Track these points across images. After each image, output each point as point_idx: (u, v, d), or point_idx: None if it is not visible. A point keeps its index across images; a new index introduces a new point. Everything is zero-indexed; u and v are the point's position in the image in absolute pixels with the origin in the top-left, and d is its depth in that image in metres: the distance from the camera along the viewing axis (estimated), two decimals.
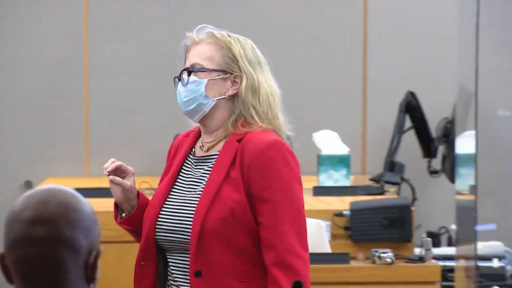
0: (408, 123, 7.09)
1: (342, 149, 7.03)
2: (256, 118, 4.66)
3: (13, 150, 7.82)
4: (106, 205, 3.91)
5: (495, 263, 5.89)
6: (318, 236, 6.18)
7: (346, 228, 6.23)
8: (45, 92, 8.33)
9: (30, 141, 7.77)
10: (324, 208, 6.53)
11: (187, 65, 4.80)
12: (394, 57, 7.83)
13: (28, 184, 7.46)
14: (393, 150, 6.93)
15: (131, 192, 4.88)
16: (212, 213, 4.82)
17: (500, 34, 6.60)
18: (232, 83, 4.67)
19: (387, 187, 6.88)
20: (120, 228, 4.67)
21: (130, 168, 4.90)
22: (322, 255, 5.98)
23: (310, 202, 6.77)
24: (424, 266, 5.99)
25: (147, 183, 7.17)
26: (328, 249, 6.07)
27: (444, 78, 6.82)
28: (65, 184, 3.16)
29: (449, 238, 6.58)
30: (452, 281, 5.93)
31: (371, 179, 7.05)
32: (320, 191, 6.83)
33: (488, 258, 5.88)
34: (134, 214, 4.90)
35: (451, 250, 6.18)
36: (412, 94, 6.94)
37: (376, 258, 5.92)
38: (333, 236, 6.24)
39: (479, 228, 5.58)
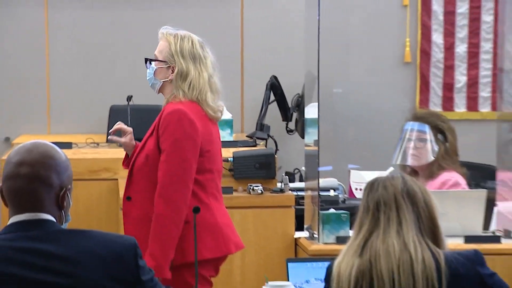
0: (272, 97, 7.24)
1: (227, 115, 7.16)
2: (181, 96, 4.94)
3: None
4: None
5: (332, 193, 6.11)
6: None
7: (230, 170, 6.41)
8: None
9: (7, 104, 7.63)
10: None
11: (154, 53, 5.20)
12: (264, 48, 7.91)
13: (7, 139, 7.40)
14: (262, 116, 7.09)
15: (127, 146, 5.28)
16: (138, 158, 5.15)
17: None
18: (172, 71, 4.93)
19: (258, 141, 6.99)
20: None
21: (129, 129, 5.26)
22: None
23: None
24: (284, 195, 6.19)
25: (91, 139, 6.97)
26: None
27: (297, 65, 6.75)
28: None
29: (301, 176, 6.64)
30: (303, 205, 6.05)
31: (247, 136, 7.16)
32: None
33: (326, 189, 6.09)
34: (129, 158, 5.29)
35: (302, 184, 6.38)
36: (275, 77, 7.05)
37: (251, 190, 6.13)
38: (223, 175, 6.14)
39: (320, 169, 5.79)
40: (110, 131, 5.31)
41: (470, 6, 7.77)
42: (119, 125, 5.28)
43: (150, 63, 5.11)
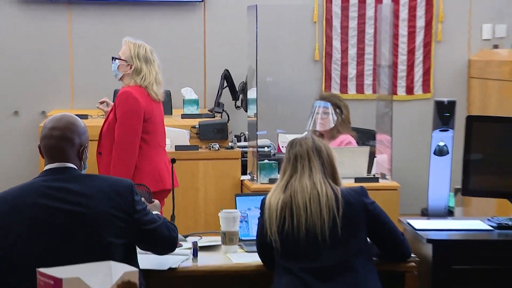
0: (225, 84, 7.17)
1: (194, 96, 7.02)
2: (132, 84, 5.02)
3: (34, 92, 7.49)
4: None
5: (266, 149, 6.08)
6: (182, 138, 6.19)
7: (197, 133, 6.39)
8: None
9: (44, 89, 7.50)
10: (186, 124, 6.56)
11: (119, 53, 5.15)
12: (220, 50, 7.73)
13: (43, 112, 7.31)
14: (218, 97, 7.03)
15: (108, 113, 5.19)
16: (104, 125, 5.12)
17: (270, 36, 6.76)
18: (130, 68, 4.96)
19: (216, 114, 7.00)
20: None
21: (111, 102, 5.25)
22: (185, 146, 6.11)
23: (179, 121, 6.81)
24: (233, 151, 6.13)
25: None
26: (187, 142, 6.20)
27: (242, 62, 6.65)
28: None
29: (245, 138, 6.56)
30: (246, 158, 6.04)
31: (209, 110, 7.17)
32: (185, 116, 6.93)
33: (262, 147, 6.04)
34: None
35: (245, 144, 6.34)
36: (227, 70, 7.03)
37: (211, 147, 6.07)
38: (191, 137, 6.31)
39: (258, 133, 5.81)
40: (98, 101, 5.33)
41: (358, 22, 7.76)
42: (105, 99, 5.32)
43: (115, 60, 5.10)
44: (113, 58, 5.14)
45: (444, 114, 4.35)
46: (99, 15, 7.72)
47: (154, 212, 3.54)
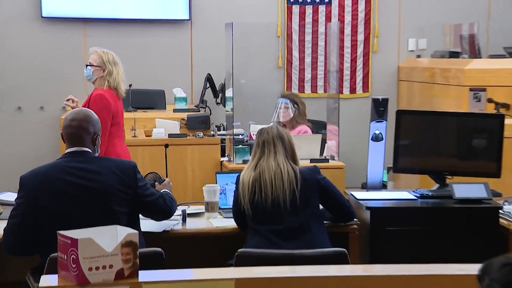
0: (208, 85, 7.01)
1: (183, 94, 6.85)
2: (105, 86, 4.81)
3: (55, 92, 7.20)
4: None
5: (240, 136, 6.05)
6: (174, 128, 6.08)
7: (185, 124, 6.24)
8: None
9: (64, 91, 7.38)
10: (177, 117, 6.41)
11: (89, 61, 4.91)
12: (204, 57, 7.59)
13: (64, 107, 6.96)
14: (202, 95, 6.94)
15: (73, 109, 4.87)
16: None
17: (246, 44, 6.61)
18: (103, 72, 4.77)
19: (200, 109, 6.87)
20: None
21: (76, 99, 5.02)
22: (176, 134, 6.02)
23: (171, 114, 6.65)
24: (214, 138, 6.04)
25: None
26: (178, 131, 6.08)
27: (221, 67, 6.46)
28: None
29: (224, 127, 6.46)
30: (225, 143, 5.97)
31: (195, 106, 7.02)
32: (176, 110, 6.77)
33: (237, 135, 5.99)
34: None
35: (224, 132, 6.25)
36: (209, 74, 6.91)
37: (196, 135, 5.96)
38: (180, 127, 6.16)
39: (234, 124, 5.75)
40: (65, 99, 5.11)
41: (312, 37, 7.75)
42: (71, 96, 5.08)
43: (88, 67, 4.92)
44: (86, 65, 4.95)
45: (379, 108, 4.38)
46: (108, 31, 7.61)
47: (162, 190, 3.62)
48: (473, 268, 1.43)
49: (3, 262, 3.61)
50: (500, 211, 3.76)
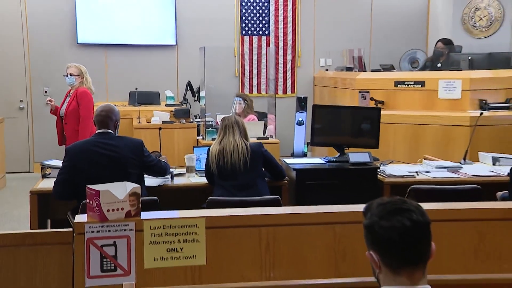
0: (188, 89, 6.87)
1: (171, 94, 6.85)
2: (84, 86, 4.63)
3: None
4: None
5: (210, 123, 5.79)
6: (166, 117, 5.99)
7: (173, 115, 6.05)
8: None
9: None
10: (168, 109, 6.20)
11: (68, 72, 4.72)
12: (186, 70, 7.37)
13: (46, 104, 6.86)
14: (184, 95, 6.79)
15: (53, 107, 4.79)
16: (68, 108, 4.69)
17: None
18: (81, 78, 4.62)
19: (183, 104, 6.72)
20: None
21: (53, 100, 4.83)
22: (167, 121, 5.80)
23: (164, 108, 6.45)
24: (193, 123, 5.93)
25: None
26: (168, 119, 5.88)
27: (197, 75, 6.29)
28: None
29: (199, 117, 6.14)
30: (200, 127, 5.79)
31: (180, 102, 6.87)
32: (167, 105, 6.58)
33: (208, 121, 5.74)
34: (54, 113, 4.80)
35: (199, 120, 5.97)
36: (189, 81, 6.77)
37: (181, 122, 5.89)
38: (170, 116, 6.01)
39: (206, 114, 5.62)
40: (47, 99, 4.89)
41: (257, 56, 7.72)
42: (50, 98, 4.87)
43: (71, 76, 4.72)
44: (70, 74, 4.75)
45: (301, 104, 4.37)
46: (122, 53, 7.45)
47: (162, 159, 3.55)
48: (361, 207, 1.42)
49: (53, 205, 3.56)
50: (378, 170, 3.79)
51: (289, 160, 4.13)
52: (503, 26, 7.00)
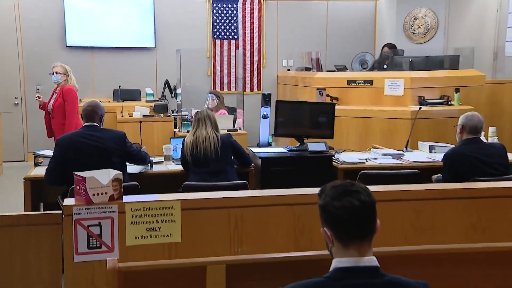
0: (166, 87, 6.77)
1: (151, 91, 6.69)
2: (69, 84, 4.48)
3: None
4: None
5: (185, 116, 5.73)
6: (146, 111, 5.81)
7: (153, 109, 5.91)
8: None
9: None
10: (148, 105, 6.08)
11: (54, 70, 4.53)
12: (164, 70, 7.22)
13: (80, 100, 6.50)
14: (163, 92, 6.66)
15: (41, 103, 4.65)
16: (55, 104, 4.54)
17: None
18: (66, 77, 4.45)
19: (162, 100, 6.56)
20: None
21: (41, 96, 4.70)
22: (147, 115, 5.65)
23: (145, 103, 6.33)
24: (170, 117, 5.80)
25: None
26: (148, 113, 5.75)
27: (174, 75, 6.12)
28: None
29: (176, 111, 6.03)
30: (176, 120, 5.70)
31: (158, 99, 6.75)
32: (148, 101, 6.43)
33: (184, 115, 5.70)
34: (43, 108, 4.64)
35: (176, 114, 5.91)
36: (167, 80, 6.61)
37: (159, 116, 5.74)
38: (150, 111, 5.85)
39: (182, 109, 5.59)
40: (35, 96, 4.74)
41: (227, 58, 7.70)
42: (39, 95, 4.75)
43: (57, 74, 4.57)
44: (54, 73, 4.61)
45: (266, 99, 4.36)
46: (107, 55, 7.32)
47: (142, 149, 3.53)
48: (317, 190, 1.42)
49: (45, 190, 3.52)
50: (333, 157, 3.86)
51: (255, 149, 4.12)
52: (437, 34, 7.28)
